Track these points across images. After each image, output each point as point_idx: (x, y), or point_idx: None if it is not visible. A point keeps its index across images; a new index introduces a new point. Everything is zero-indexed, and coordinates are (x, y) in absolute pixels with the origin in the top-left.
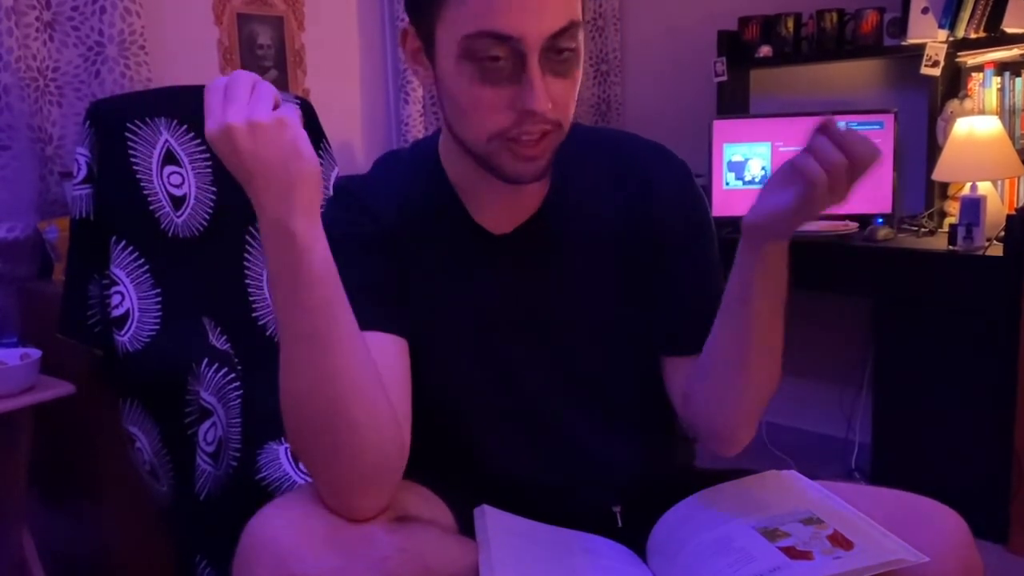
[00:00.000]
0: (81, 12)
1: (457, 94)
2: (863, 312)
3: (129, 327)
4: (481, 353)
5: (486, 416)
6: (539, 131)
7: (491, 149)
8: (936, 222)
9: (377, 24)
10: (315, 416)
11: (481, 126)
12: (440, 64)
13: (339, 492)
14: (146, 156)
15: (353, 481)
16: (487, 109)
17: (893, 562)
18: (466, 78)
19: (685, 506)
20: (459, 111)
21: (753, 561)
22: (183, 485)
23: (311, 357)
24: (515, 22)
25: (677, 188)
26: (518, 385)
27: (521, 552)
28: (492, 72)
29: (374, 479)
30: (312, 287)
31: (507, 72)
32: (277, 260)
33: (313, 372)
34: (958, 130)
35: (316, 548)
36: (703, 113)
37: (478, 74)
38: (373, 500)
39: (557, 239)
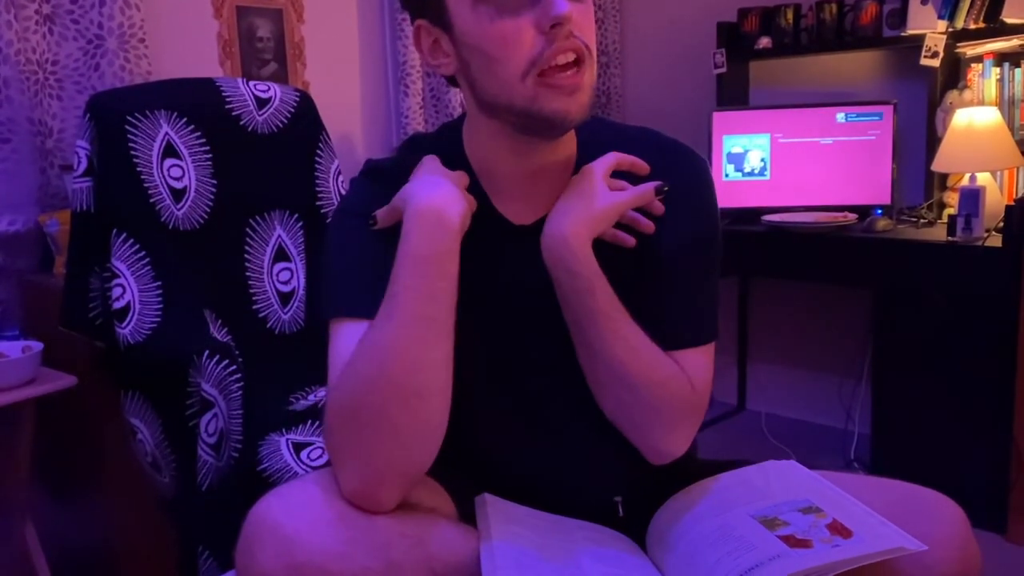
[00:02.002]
0: (80, 5)
1: (481, 41)
2: (862, 303)
3: (130, 319)
4: (490, 342)
5: (490, 406)
6: (571, 50)
7: (528, 91)
8: (935, 213)
9: (377, 16)
10: (395, 404)
11: (513, 61)
12: (457, 26)
13: (370, 483)
14: (146, 149)
15: (393, 476)
16: (512, 41)
17: (892, 551)
18: (486, 19)
19: (685, 496)
20: (487, 60)
21: (752, 549)
22: (185, 476)
23: (419, 341)
24: None
25: (691, 188)
26: (524, 376)
27: (522, 540)
28: (508, 3)
29: (413, 476)
30: (450, 275)
31: (525, 1)
32: (426, 243)
33: (415, 358)
34: (957, 121)
35: (319, 533)
36: (703, 105)
37: (495, 10)
38: (398, 496)
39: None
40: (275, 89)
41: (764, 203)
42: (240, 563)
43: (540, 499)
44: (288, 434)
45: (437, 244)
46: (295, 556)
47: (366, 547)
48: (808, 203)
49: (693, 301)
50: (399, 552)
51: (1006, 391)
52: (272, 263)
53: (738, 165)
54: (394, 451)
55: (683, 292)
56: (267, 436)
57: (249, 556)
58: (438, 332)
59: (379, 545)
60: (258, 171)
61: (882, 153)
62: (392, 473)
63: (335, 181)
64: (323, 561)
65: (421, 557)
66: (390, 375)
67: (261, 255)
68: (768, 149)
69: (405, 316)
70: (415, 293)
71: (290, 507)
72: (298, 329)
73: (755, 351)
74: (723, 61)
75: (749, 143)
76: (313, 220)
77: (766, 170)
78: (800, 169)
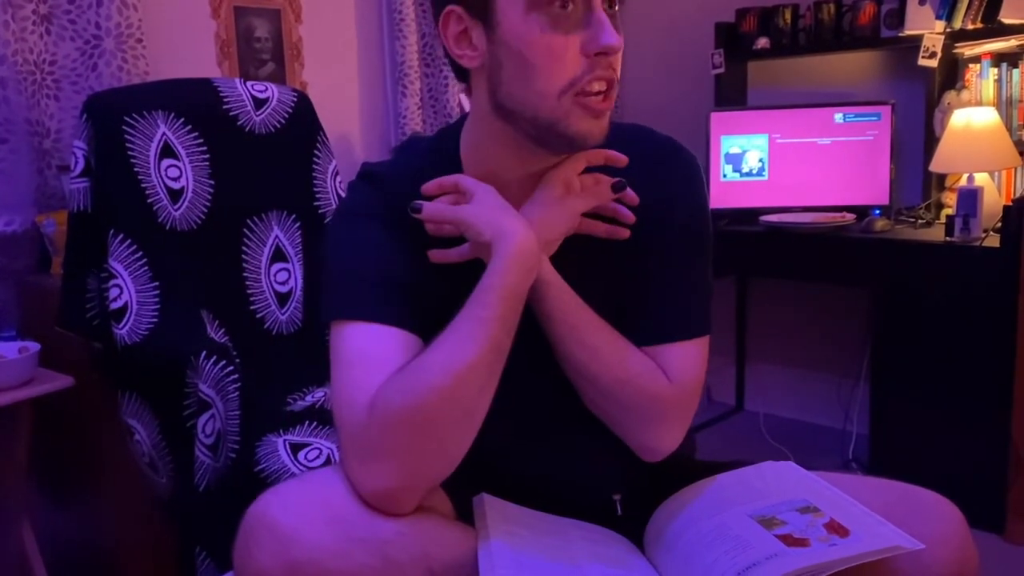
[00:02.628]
0: (78, 5)
1: (527, 48)
2: (861, 303)
3: (127, 320)
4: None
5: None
6: (607, 79)
7: (561, 106)
8: (933, 213)
9: (374, 16)
10: (459, 416)
11: (555, 77)
12: (504, 26)
13: (403, 487)
14: (144, 149)
15: (422, 482)
16: (559, 57)
17: (889, 549)
18: (537, 29)
19: (682, 496)
20: (528, 68)
21: (750, 548)
22: (182, 477)
23: (488, 364)
24: None
25: (679, 182)
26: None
27: (520, 540)
28: (562, 19)
29: (433, 484)
30: (517, 311)
31: (576, 18)
32: (522, 282)
33: (480, 377)
34: (955, 121)
35: (317, 531)
36: (700, 105)
37: (549, 23)
38: (418, 501)
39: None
40: (273, 89)
41: (762, 203)
42: (238, 561)
43: (538, 497)
44: (286, 435)
45: (527, 283)
46: (292, 554)
47: (364, 545)
48: (806, 203)
49: (679, 294)
50: (397, 550)
51: (1004, 391)
52: (269, 263)
53: (736, 165)
54: (436, 462)
55: (670, 285)
56: (264, 437)
57: (247, 554)
58: (504, 361)
59: (377, 543)
60: (255, 172)
61: (880, 153)
62: (425, 481)
63: (333, 181)
64: (321, 559)
65: (419, 555)
66: (463, 393)
67: (258, 256)
68: (766, 149)
69: (491, 343)
70: (503, 324)
71: (288, 505)
72: (295, 330)
73: (753, 351)
74: (721, 61)
75: (747, 143)
76: (311, 221)
77: (764, 170)
78: (798, 169)
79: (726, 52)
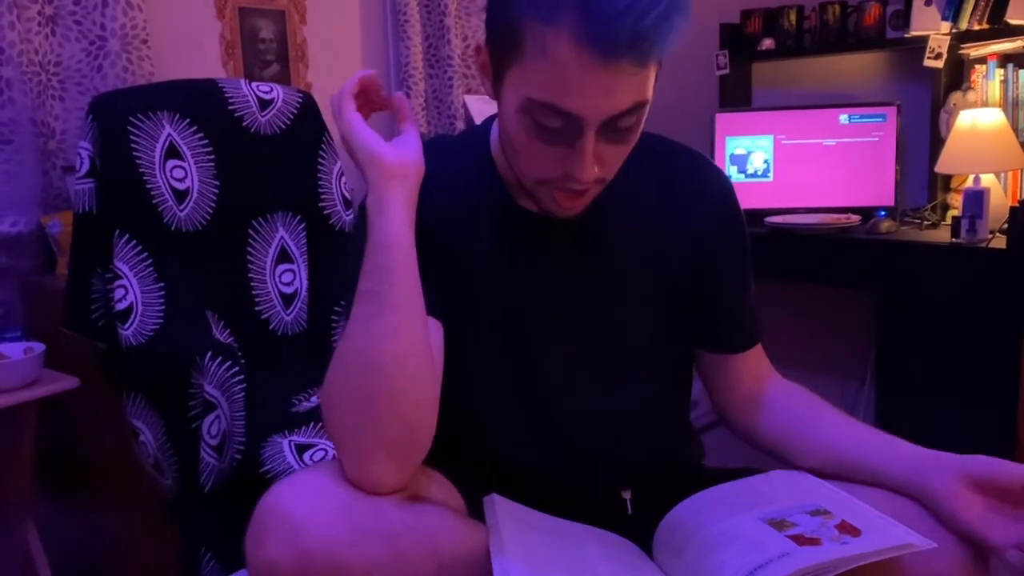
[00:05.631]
0: (83, 6)
1: (512, 136)
2: (866, 305)
3: (132, 321)
4: (505, 341)
5: (501, 402)
6: (583, 187)
7: (536, 188)
8: (939, 215)
9: (379, 17)
10: (355, 375)
11: (530, 171)
12: (503, 101)
13: (361, 459)
14: (149, 150)
15: (378, 450)
16: (537, 160)
17: (901, 547)
18: (523, 129)
19: (691, 503)
20: (511, 148)
21: (761, 548)
22: (187, 478)
23: (365, 316)
24: (579, 103)
25: (720, 198)
26: (536, 373)
27: (531, 538)
28: (548, 133)
29: (400, 452)
30: (376, 250)
31: (562, 137)
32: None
33: (364, 332)
34: (961, 122)
35: (328, 521)
36: (705, 106)
37: (535, 130)
38: (395, 474)
39: (598, 234)
40: (278, 90)
41: (767, 205)
42: (250, 551)
43: (548, 493)
44: (291, 436)
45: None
46: (304, 544)
47: (375, 537)
48: (811, 205)
49: (749, 302)
50: (408, 543)
51: (1010, 393)
52: (275, 264)
53: (741, 167)
54: (373, 427)
55: (742, 296)
56: (270, 438)
57: (258, 544)
58: (379, 307)
59: (388, 536)
60: (261, 172)
61: (886, 155)
62: (380, 450)
63: (338, 182)
64: (331, 549)
65: (429, 549)
66: (343, 352)
67: (264, 256)
68: (771, 151)
69: (361, 294)
70: (366, 273)
71: (299, 496)
72: (301, 330)
73: None
74: (726, 62)
75: (752, 144)
76: (316, 222)
77: (769, 171)
78: (803, 171)
79: (731, 53)
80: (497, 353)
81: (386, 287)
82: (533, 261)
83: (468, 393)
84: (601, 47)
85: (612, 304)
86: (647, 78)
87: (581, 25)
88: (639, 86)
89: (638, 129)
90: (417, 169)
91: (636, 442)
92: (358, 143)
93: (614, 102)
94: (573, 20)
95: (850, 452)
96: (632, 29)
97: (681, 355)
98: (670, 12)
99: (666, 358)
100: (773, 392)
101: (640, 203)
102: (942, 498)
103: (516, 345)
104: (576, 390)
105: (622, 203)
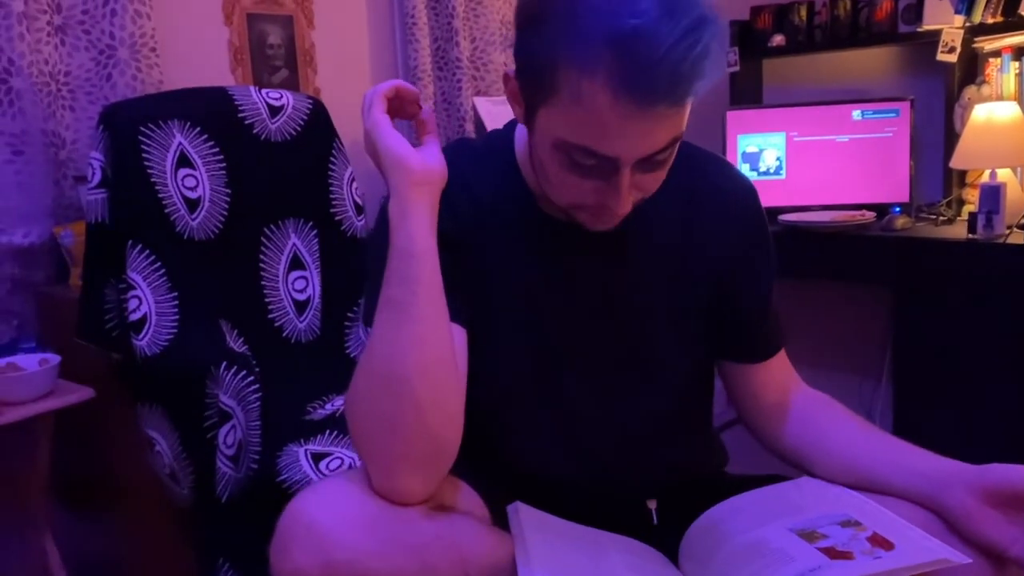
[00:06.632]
0: (91, 16)
1: (546, 166)
2: (882, 302)
3: (147, 331)
4: (529, 350)
5: (525, 411)
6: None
7: (569, 209)
8: (955, 210)
9: (387, 20)
10: (380, 387)
11: (563, 198)
12: (535, 133)
13: (389, 472)
14: (160, 159)
15: (405, 462)
16: (571, 191)
17: (935, 562)
18: (556, 163)
19: (718, 511)
20: (544, 176)
21: (792, 561)
22: (204, 488)
23: (389, 325)
24: (616, 147)
25: (745, 208)
26: (561, 382)
27: (556, 546)
28: (582, 169)
29: (427, 463)
30: (399, 257)
31: (598, 172)
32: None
33: (388, 342)
34: (976, 116)
35: (355, 532)
36: (716, 104)
37: (568, 165)
38: (421, 485)
39: (624, 243)
40: (287, 97)
41: (780, 203)
42: (275, 560)
43: (573, 503)
44: (307, 444)
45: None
46: (330, 554)
47: (401, 548)
48: (825, 202)
49: (772, 309)
50: (434, 553)
51: None
52: (287, 272)
53: (753, 164)
54: (398, 438)
55: (767, 304)
56: (286, 446)
57: (283, 554)
58: (402, 317)
59: (415, 546)
60: (272, 179)
61: (899, 150)
62: (407, 461)
63: (349, 188)
64: (358, 560)
65: (456, 559)
66: (367, 362)
67: (276, 264)
68: (783, 148)
69: (384, 301)
70: (390, 277)
71: (325, 505)
72: (314, 338)
73: None
74: (736, 60)
75: (764, 142)
76: (327, 228)
77: (782, 169)
78: (816, 167)
79: (741, 50)
80: (521, 362)
81: (410, 295)
82: (558, 270)
83: (492, 402)
84: (639, 96)
85: (637, 313)
86: (684, 115)
87: (617, 74)
88: (676, 124)
89: (673, 156)
90: (441, 177)
91: (661, 452)
92: (384, 145)
93: (652, 143)
94: (609, 68)
95: (866, 469)
96: (670, 75)
97: (705, 365)
98: (707, 50)
99: (690, 368)
100: (797, 402)
101: (666, 212)
102: (959, 515)
103: (540, 354)
104: (600, 400)
105: (648, 212)
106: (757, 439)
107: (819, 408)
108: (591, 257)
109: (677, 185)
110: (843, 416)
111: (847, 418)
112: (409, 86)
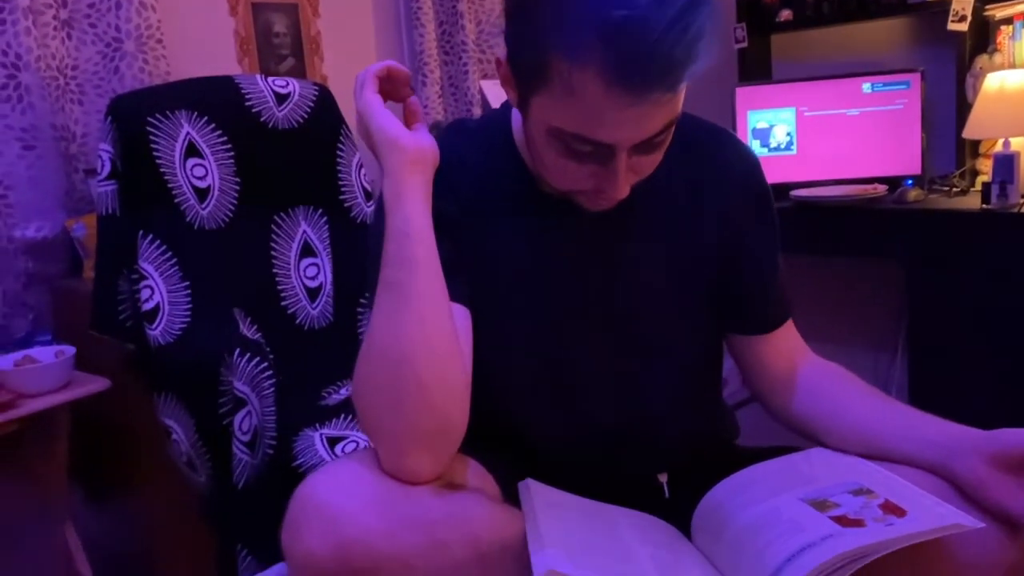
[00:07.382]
0: (97, 9)
1: (541, 152)
2: (896, 276)
3: (160, 320)
4: (533, 327)
5: (532, 385)
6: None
7: (566, 192)
8: (968, 181)
9: (392, 5)
10: (384, 368)
11: (560, 182)
12: (529, 118)
13: (397, 451)
14: (169, 149)
15: (412, 441)
16: (568, 175)
17: (949, 527)
18: (552, 149)
19: (730, 483)
20: (540, 161)
21: (804, 531)
22: (221, 475)
23: (390, 307)
24: (611, 135)
25: (747, 173)
26: (566, 359)
27: (567, 523)
28: (578, 155)
29: (433, 441)
30: (396, 238)
31: (594, 158)
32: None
33: (390, 323)
34: (989, 85)
35: (365, 512)
36: (724, 81)
37: (563, 151)
38: (429, 464)
39: (624, 219)
40: (294, 84)
41: (792, 178)
42: (286, 543)
43: (585, 478)
44: (322, 429)
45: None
46: (341, 535)
47: (412, 526)
48: (837, 176)
49: (780, 279)
50: (445, 531)
51: None
52: (299, 259)
53: (764, 140)
54: (405, 418)
55: (774, 274)
56: (301, 431)
57: (295, 536)
58: (403, 298)
59: (425, 524)
60: (280, 167)
61: (911, 122)
62: (414, 440)
63: (358, 174)
64: (369, 539)
65: (467, 536)
66: (370, 344)
67: (287, 251)
68: (794, 123)
69: (383, 282)
70: (387, 259)
71: (335, 486)
72: (327, 324)
73: None
74: (744, 35)
75: (774, 118)
76: (337, 214)
77: (792, 144)
78: (827, 142)
79: (749, 26)
80: (526, 339)
81: (407, 276)
82: (559, 247)
83: (499, 380)
84: (632, 86)
85: (640, 288)
86: (679, 99)
87: (609, 65)
88: (671, 109)
89: (670, 136)
90: (434, 158)
91: (669, 426)
92: (377, 125)
93: (646, 128)
94: (600, 60)
95: (876, 437)
96: (663, 64)
97: (711, 337)
98: (700, 32)
99: (696, 340)
100: (805, 373)
101: (666, 185)
102: (970, 481)
103: (545, 331)
104: (606, 375)
105: (650, 186)
106: (767, 411)
107: (828, 378)
108: (594, 233)
109: (680, 158)
110: (852, 385)
111: (856, 387)
112: (400, 67)
